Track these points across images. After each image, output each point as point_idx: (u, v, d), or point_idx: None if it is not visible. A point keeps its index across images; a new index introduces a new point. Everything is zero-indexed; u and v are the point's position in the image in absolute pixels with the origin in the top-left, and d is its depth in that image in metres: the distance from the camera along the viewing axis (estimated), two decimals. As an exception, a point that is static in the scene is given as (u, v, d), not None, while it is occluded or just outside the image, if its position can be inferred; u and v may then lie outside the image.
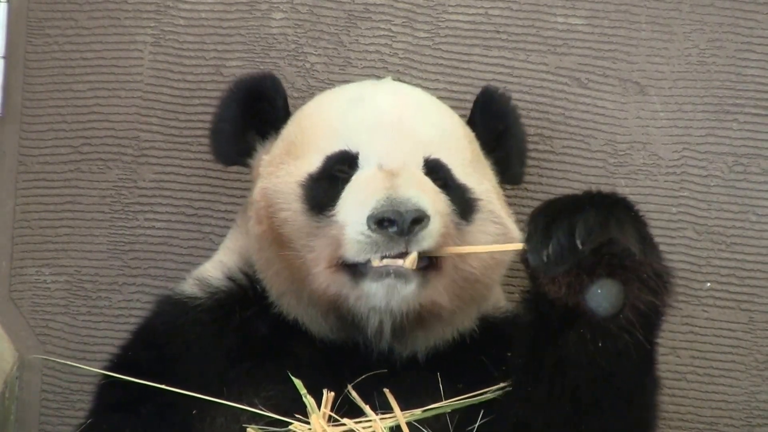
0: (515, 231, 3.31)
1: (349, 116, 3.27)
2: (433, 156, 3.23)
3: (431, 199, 3.08)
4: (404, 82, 3.70)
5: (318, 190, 3.17)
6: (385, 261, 3.02)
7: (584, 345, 2.86)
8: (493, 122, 3.47)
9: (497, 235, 3.23)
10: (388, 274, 3.01)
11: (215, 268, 3.37)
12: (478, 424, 3.05)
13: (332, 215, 3.11)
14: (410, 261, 3.02)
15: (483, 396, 3.09)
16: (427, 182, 3.15)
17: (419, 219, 2.99)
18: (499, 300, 3.40)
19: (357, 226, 3.02)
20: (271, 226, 3.18)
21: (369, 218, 3.00)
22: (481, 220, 3.24)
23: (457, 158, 3.29)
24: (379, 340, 3.16)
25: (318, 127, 3.29)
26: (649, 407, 3.01)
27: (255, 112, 3.38)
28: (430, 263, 3.08)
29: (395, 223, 2.97)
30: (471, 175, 3.29)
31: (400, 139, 3.22)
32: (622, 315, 2.82)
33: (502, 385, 3.07)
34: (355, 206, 3.07)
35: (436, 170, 3.22)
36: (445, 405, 3.07)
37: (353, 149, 3.20)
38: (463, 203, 3.20)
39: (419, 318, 3.12)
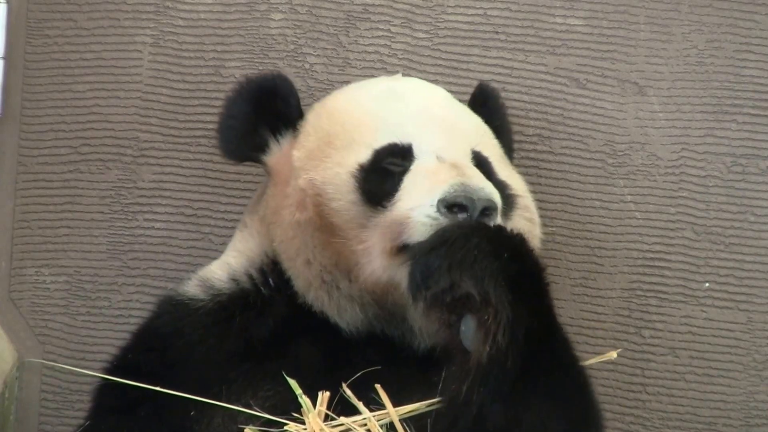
0: (539, 230, 3.33)
1: (391, 109, 3.30)
2: (477, 148, 3.27)
3: (497, 193, 3.10)
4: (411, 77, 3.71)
5: (372, 181, 3.17)
6: None
7: (453, 382, 2.89)
8: (491, 118, 3.49)
9: (528, 232, 3.25)
10: None
11: (221, 269, 3.36)
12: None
13: (391, 205, 3.12)
14: None
15: None
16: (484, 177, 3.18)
17: (489, 209, 3.01)
18: None
19: (425, 209, 3.03)
20: (320, 214, 3.18)
21: (440, 201, 3.01)
22: (517, 217, 3.27)
23: (492, 152, 3.33)
24: (420, 330, 3.17)
25: (358, 118, 3.30)
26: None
27: (266, 109, 3.37)
28: None
29: (466, 209, 2.99)
30: (505, 170, 3.33)
31: (448, 131, 3.26)
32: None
33: None
34: (422, 192, 3.07)
35: (481, 163, 3.25)
36: (438, 401, 3.06)
37: (404, 141, 3.21)
38: (505, 198, 3.22)
39: None
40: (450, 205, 3.00)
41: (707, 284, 3.83)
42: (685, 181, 3.83)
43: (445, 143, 3.21)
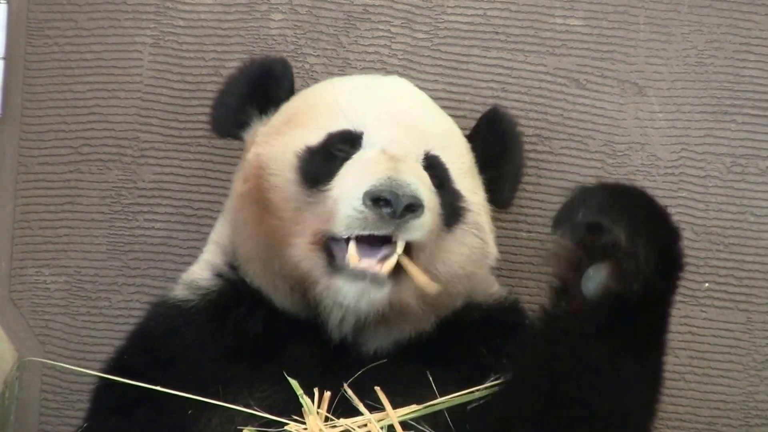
0: (494, 251, 3.33)
1: (357, 98, 3.31)
2: (434, 152, 3.26)
3: (428, 193, 3.10)
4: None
5: (314, 164, 3.19)
6: (364, 262, 3.03)
7: (557, 326, 2.90)
8: (495, 142, 3.48)
9: (475, 249, 3.26)
10: (363, 278, 3.04)
11: (202, 269, 3.38)
12: (471, 406, 3.07)
13: (326, 190, 3.13)
14: (388, 267, 3.04)
15: (476, 393, 3.10)
16: (426, 177, 3.18)
17: (414, 206, 3.01)
18: (490, 287, 3.40)
19: (352, 200, 3.04)
20: (259, 188, 3.20)
21: (366, 194, 3.01)
22: (463, 231, 3.25)
23: (455, 162, 3.32)
24: (339, 331, 3.17)
25: (322, 103, 3.33)
26: (623, 413, 2.97)
27: (260, 89, 3.42)
28: (408, 255, 3.09)
29: (390, 204, 3.00)
30: (465, 183, 3.31)
31: (406, 128, 3.26)
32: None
33: (493, 381, 3.08)
34: (353, 182, 3.09)
35: (434, 166, 3.25)
36: (439, 402, 3.07)
37: (357, 129, 3.23)
38: (451, 209, 3.22)
39: (383, 316, 3.14)
40: (375, 199, 3.01)
41: (707, 284, 3.83)
42: (684, 182, 3.83)
43: (395, 137, 3.21)
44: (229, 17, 3.82)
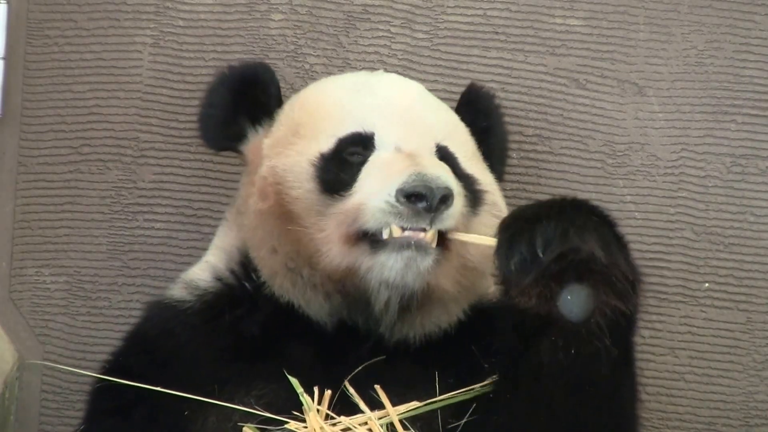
0: None
1: (360, 100, 3.31)
2: (443, 143, 3.28)
3: (454, 181, 3.13)
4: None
5: (331, 171, 3.19)
6: (407, 232, 3.05)
7: (557, 352, 2.87)
8: (477, 119, 3.50)
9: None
10: (408, 246, 3.05)
11: (203, 270, 3.37)
12: (464, 420, 3.06)
13: (349, 196, 3.14)
14: (431, 235, 3.06)
15: (473, 392, 3.10)
16: (446, 167, 3.20)
17: (447, 197, 3.04)
18: (488, 286, 3.41)
19: (382, 196, 3.05)
20: (280, 202, 3.20)
21: (399, 191, 3.03)
22: (485, 212, 3.27)
23: (461, 149, 3.34)
24: (382, 318, 3.17)
25: (326, 109, 3.32)
26: (626, 416, 3.00)
27: (246, 98, 3.39)
28: (442, 244, 3.11)
29: (425, 199, 3.02)
30: (475, 167, 3.34)
31: (414, 124, 3.28)
32: (593, 320, 2.82)
33: (491, 380, 3.08)
34: (378, 182, 3.10)
35: (446, 158, 3.27)
36: (437, 401, 3.08)
37: (367, 131, 3.23)
38: (471, 194, 3.25)
39: (422, 300, 3.14)
40: (408, 195, 3.03)
41: (707, 284, 3.83)
42: (684, 182, 3.83)
43: (406, 134, 3.23)
44: (229, 17, 3.82)
